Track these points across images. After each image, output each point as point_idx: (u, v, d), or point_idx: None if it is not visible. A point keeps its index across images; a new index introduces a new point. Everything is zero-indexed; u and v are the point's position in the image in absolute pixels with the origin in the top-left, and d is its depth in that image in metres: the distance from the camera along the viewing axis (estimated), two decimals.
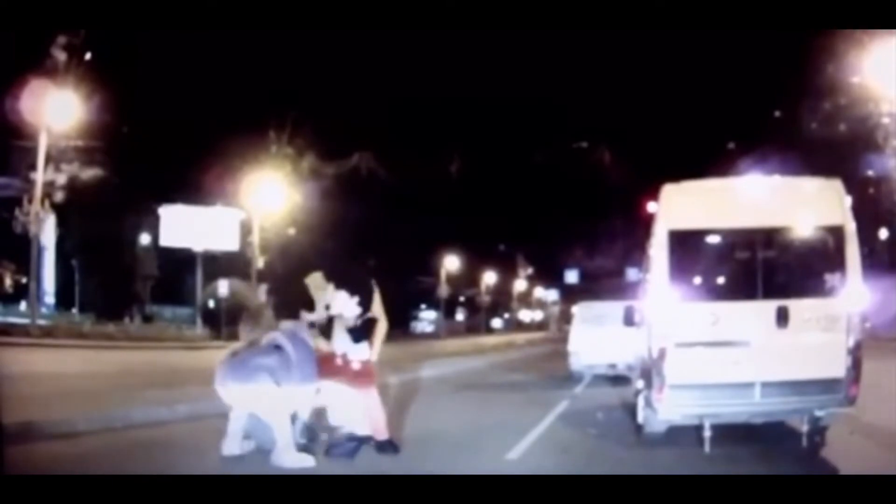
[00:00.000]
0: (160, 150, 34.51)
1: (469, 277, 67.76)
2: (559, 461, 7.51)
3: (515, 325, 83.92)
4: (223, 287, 33.79)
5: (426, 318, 75.56)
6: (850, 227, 7.40)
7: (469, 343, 42.16)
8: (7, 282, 36.35)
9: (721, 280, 7.87)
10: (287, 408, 7.09)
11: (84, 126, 27.28)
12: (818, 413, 7.34)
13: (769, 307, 7.26)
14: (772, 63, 35.54)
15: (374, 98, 52.98)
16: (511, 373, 21.31)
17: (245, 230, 36.48)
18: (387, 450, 7.44)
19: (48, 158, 25.57)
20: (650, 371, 7.68)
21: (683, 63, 52.78)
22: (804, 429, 7.36)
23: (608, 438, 8.96)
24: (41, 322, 27.14)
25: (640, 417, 8.57)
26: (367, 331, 7.62)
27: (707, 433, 7.33)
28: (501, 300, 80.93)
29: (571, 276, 76.97)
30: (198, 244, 37.18)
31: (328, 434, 7.86)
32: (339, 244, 36.34)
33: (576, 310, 19.79)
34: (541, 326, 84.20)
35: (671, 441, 8.06)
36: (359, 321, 7.56)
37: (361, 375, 7.55)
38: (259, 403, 7.06)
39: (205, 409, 8.90)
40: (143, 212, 40.05)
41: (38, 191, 25.11)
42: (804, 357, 7.23)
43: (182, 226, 38.60)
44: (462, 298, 75.24)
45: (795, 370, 7.19)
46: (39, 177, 25.10)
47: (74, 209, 32.65)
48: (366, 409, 7.54)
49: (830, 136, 29.94)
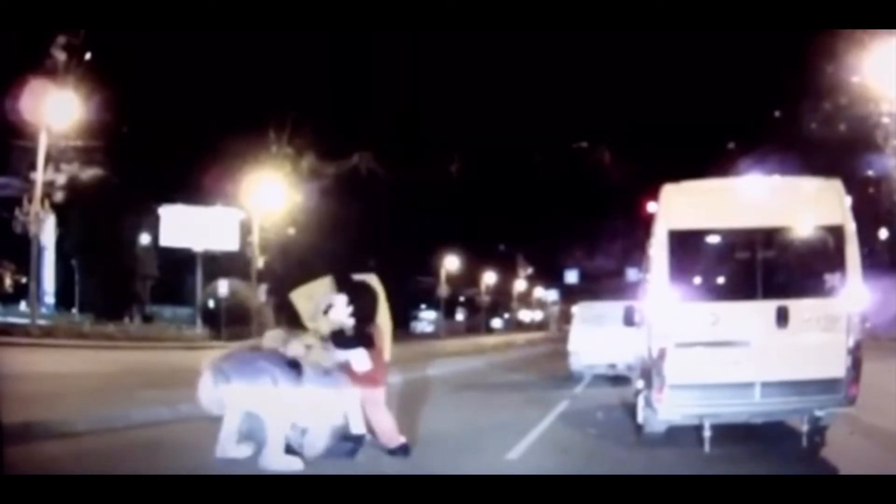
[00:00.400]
0: (160, 150, 34.50)
1: (469, 277, 67.72)
2: (559, 461, 7.52)
3: (515, 325, 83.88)
4: (223, 287, 33.77)
5: (426, 318, 75.51)
6: (850, 227, 7.40)
7: (469, 343, 42.13)
8: (7, 282, 36.34)
9: (721, 280, 7.88)
10: (286, 412, 7.08)
11: (84, 126, 27.21)
12: (818, 413, 7.35)
13: (769, 307, 7.26)
14: (772, 63, 35.63)
15: (374, 98, 52.99)
16: (511, 373, 21.31)
17: (245, 230, 36.44)
18: (398, 453, 7.43)
19: (48, 158, 25.53)
20: (650, 371, 7.68)
21: (683, 63, 52.89)
22: (804, 429, 7.37)
23: (608, 438, 8.96)
24: (41, 322, 27.13)
25: (640, 417, 8.58)
26: (364, 343, 7.52)
27: (707, 433, 7.34)
28: (501, 300, 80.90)
29: (571, 276, 76.95)
30: (198, 244, 37.19)
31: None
32: (339, 244, 36.33)
33: (576, 310, 19.79)
34: (541, 326, 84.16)
35: (671, 441, 8.06)
36: (354, 329, 7.53)
37: (366, 377, 7.55)
38: (259, 403, 7.05)
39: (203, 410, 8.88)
40: (143, 212, 40.04)
41: (38, 191, 25.08)
42: (804, 357, 7.23)
43: (182, 226, 38.60)
44: (462, 298, 75.23)
45: (795, 370, 7.20)
46: (39, 177, 25.07)
47: (74, 209, 32.62)
48: (369, 413, 7.54)
49: (830, 136, 29.91)
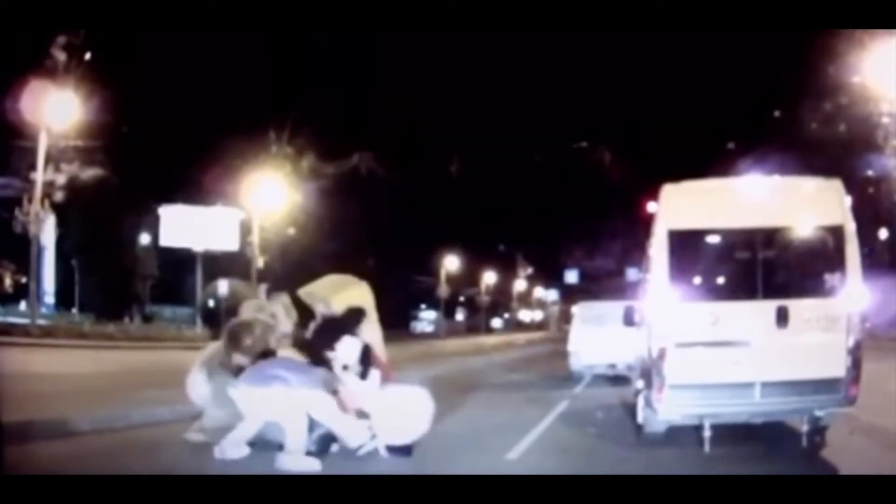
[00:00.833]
0: (160, 150, 34.51)
1: (469, 277, 67.72)
2: (559, 461, 7.52)
3: (515, 325, 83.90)
4: (223, 287, 33.74)
5: (426, 318, 75.54)
6: (850, 227, 7.40)
7: (469, 343, 42.15)
8: (7, 282, 36.32)
9: (721, 280, 7.88)
10: (303, 412, 7.06)
11: (84, 126, 27.19)
12: (818, 413, 7.35)
13: (769, 307, 7.26)
14: (772, 63, 35.60)
15: (374, 98, 52.95)
16: (511, 372, 21.30)
17: (245, 230, 36.41)
18: (399, 453, 7.43)
19: (48, 158, 25.47)
20: (650, 371, 7.68)
21: (683, 63, 52.83)
22: (804, 429, 7.37)
23: (608, 438, 8.96)
24: (41, 322, 27.08)
25: (640, 417, 8.58)
26: (369, 363, 7.67)
27: (707, 433, 7.34)
28: (501, 300, 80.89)
29: (571, 276, 76.98)
30: (198, 244, 37.15)
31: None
32: (339, 244, 36.31)
33: (576, 310, 19.80)
34: (541, 326, 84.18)
35: (671, 441, 8.06)
36: (359, 359, 7.62)
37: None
38: (275, 407, 7.03)
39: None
40: (143, 212, 40.03)
41: (38, 191, 25.02)
42: (804, 357, 7.23)
43: (182, 226, 38.57)
44: (462, 298, 75.22)
45: (795, 370, 7.20)
46: (39, 177, 25.01)
47: (74, 209, 32.61)
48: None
49: (830, 136, 29.90)
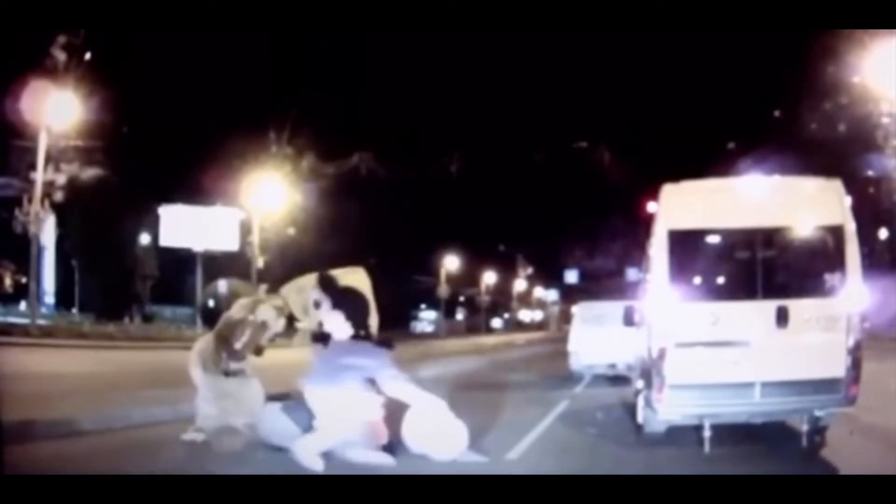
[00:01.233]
0: (160, 150, 34.48)
1: (469, 277, 67.70)
2: (559, 461, 7.52)
3: (515, 325, 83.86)
4: (223, 287, 33.68)
5: (426, 318, 75.53)
6: (850, 227, 7.40)
7: (469, 343, 42.11)
8: (7, 282, 36.29)
9: (721, 280, 7.88)
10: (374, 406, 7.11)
11: (84, 126, 27.20)
12: (818, 413, 7.35)
13: (769, 307, 7.26)
14: (772, 63, 35.58)
15: (374, 98, 52.94)
16: (511, 372, 21.28)
17: (245, 230, 36.41)
18: (386, 452, 7.42)
19: (48, 158, 25.47)
20: (650, 371, 7.68)
21: (683, 63, 52.75)
22: (804, 429, 7.37)
23: (608, 438, 8.96)
24: (41, 322, 27.07)
25: (640, 417, 8.58)
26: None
27: (707, 433, 7.34)
28: (501, 300, 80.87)
29: (571, 276, 76.94)
30: (198, 244, 37.13)
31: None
32: (339, 244, 36.28)
33: (576, 310, 19.79)
34: (541, 326, 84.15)
35: (671, 441, 8.06)
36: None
37: None
38: (348, 406, 7.06)
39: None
40: (143, 212, 40.01)
41: (38, 191, 25.02)
42: (804, 357, 7.23)
43: (182, 226, 38.56)
44: (462, 298, 75.20)
45: (795, 370, 7.20)
46: (39, 177, 25.01)
47: (74, 209, 32.55)
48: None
49: (830, 136, 29.91)
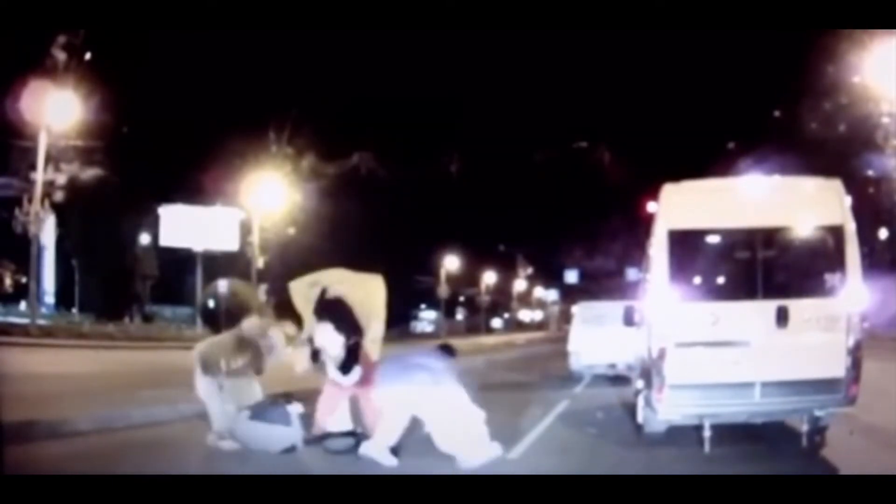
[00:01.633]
0: (160, 150, 34.48)
1: (469, 277, 67.67)
2: (559, 461, 7.51)
3: (515, 325, 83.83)
4: (223, 287, 33.69)
5: (426, 318, 75.51)
6: (850, 227, 7.40)
7: (469, 343, 42.00)
8: (7, 282, 36.34)
9: (721, 280, 7.87)
10: (456, 406, 7.10)
11: (84, 126, 27.21)
12: (818, 413, 7.35)
13: (769, 307, 7.26)
14: (772, 63, 35.61)
15: (375, 98, 52.97)
16: (511, 372, 21.28)
17: (245, 230, 36.42)
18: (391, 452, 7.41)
19: (48, 158, 25.47)
20: (650, 371, 7.68)
21: (683, 63, 52.86)
22: (804, 429, 7.37)
23: (608, 438, 8.96)
24: (41, 322, 27.09)
25: (640, 417, 8.58)
26: (354, 359, 7.61)
27: (707, 433, 7.33)
28: (501, 300, 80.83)
29: (571, 276, 76.91)
30: (198, 244, 37.15)
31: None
32: (339, 244, 36.26)
33: (576, 310, 19.79)
34: (540, 326, 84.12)
35: (671, 441, 8.06)
36: (344, 352, 7.57)
37: (362, 379, 7.58)
38: (423, 404, 7.05)
39: (205, 409, 8.87)
40: (143, 212, 40.03)
41: (38, 191, 25.03)
42: (804, 357, 7.23)
43: (182, 226, 38.58)
44: (462, 298, 75.19)
45: (795, 370, 7.19)
46: (39, 177, 25.02)
47: (74, 209, 32.57)
48: (367, 410, 7.57)
49: (830, 136, 29.94)
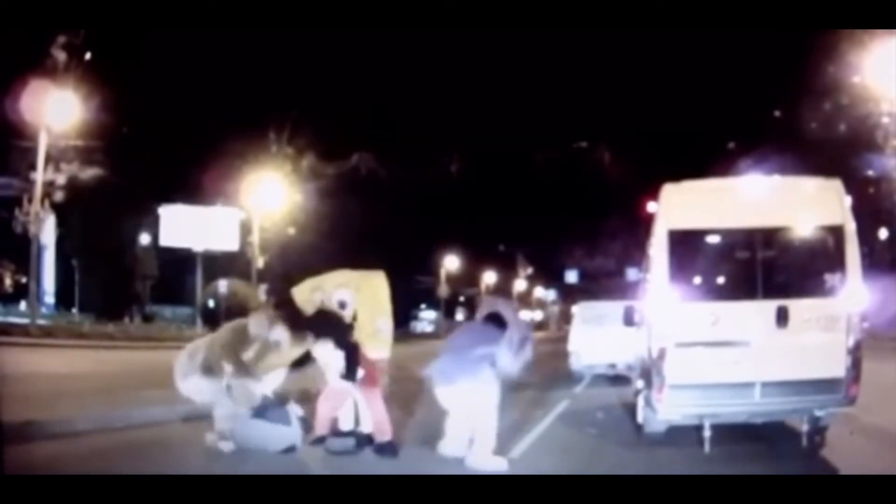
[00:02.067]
0: (160, 150, 34.55)
1: (469, 277, 67.62)
2: (559, 461, 7.51)
3: None
4: (223, 287, 33.75)
5: (426, 318, 75.48)
6: (850, 227, 7.39)
7: None
8: (7, 282, 36.36)
9: (721, 280, 7.88)
10: (496, 404, 7.04)
11: (84, 126, 27.22)
12: (818, 413, 7.35)
13: (769, 307, 7.26)
14: (772, 63, 35.61)
15: (374, 98, 52.98)
16: None
17: (245, 230, 36.46)
18: (385, 452, 7.40)
19: (48, 158, 25.48)
20: (650, 371, 7.68)
21: (683, 63, 52.86)
22: (804, 429, 7.37)
23: (608, 438, 8.96)
24: (41, 322, 27.11)
25: (640, 417, 8.57)
26: (356, 364, 7.58)
27: (707, 433, 7.33)
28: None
29: (571, 276, 76.88)
30: (198, 244, 37.18)
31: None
32: (339, 244, 36.28)
33: (576, 310, 19.81)
34: (541, 326, 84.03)
35: (671, 441, 8.05)
36: (345, 362, 7.55)
37: (364, 379, 7.58)
38: (474, 403, 6.98)
39: (205, 409, 8.88)
40: (143, 212, 40.07)
41: (38, 191, 25.04)
42: (804, 357, 7.22)
43: (182, 226, 38.63)
44: (462, 298, 75.13)
45: (795, 370, 7.19)
46: (39, 177, 25.03)
47: (74, 209, 32.61)
48: (369, 410, 7.57)
49: (830, 136, 29.92)
